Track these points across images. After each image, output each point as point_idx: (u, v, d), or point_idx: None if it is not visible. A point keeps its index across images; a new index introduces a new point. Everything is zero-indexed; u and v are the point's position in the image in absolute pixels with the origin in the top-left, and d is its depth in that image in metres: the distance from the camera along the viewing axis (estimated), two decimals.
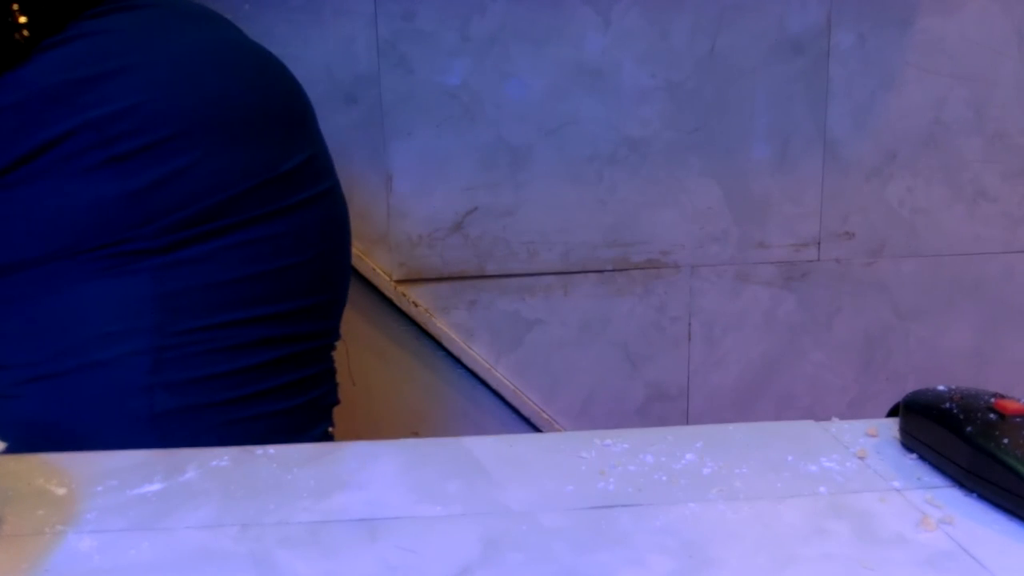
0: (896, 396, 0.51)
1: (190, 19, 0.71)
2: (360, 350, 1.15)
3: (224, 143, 0.66)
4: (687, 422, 1.23)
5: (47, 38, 0.61)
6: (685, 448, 0.48)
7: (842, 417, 0.52)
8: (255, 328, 0.68)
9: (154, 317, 0.64)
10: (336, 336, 0.78)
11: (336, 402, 0.78)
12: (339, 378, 0.80)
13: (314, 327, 0.73)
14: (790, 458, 0.47)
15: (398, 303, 1.13)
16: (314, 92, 1.10)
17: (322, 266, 0.73)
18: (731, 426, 0.51)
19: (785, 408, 1.24)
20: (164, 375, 0.64)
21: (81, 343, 0.63)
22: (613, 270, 1.17)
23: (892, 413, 0.51)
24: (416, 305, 1.14)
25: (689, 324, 1.20)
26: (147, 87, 0.63)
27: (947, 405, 0.45)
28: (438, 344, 1.16)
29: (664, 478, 0.45)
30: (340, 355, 0.82)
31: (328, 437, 0.75)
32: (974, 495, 0.43)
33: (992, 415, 0.43)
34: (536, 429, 1.18)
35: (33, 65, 0.61)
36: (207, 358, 0.66)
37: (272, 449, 0.48)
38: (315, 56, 1.07)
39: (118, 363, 0.64)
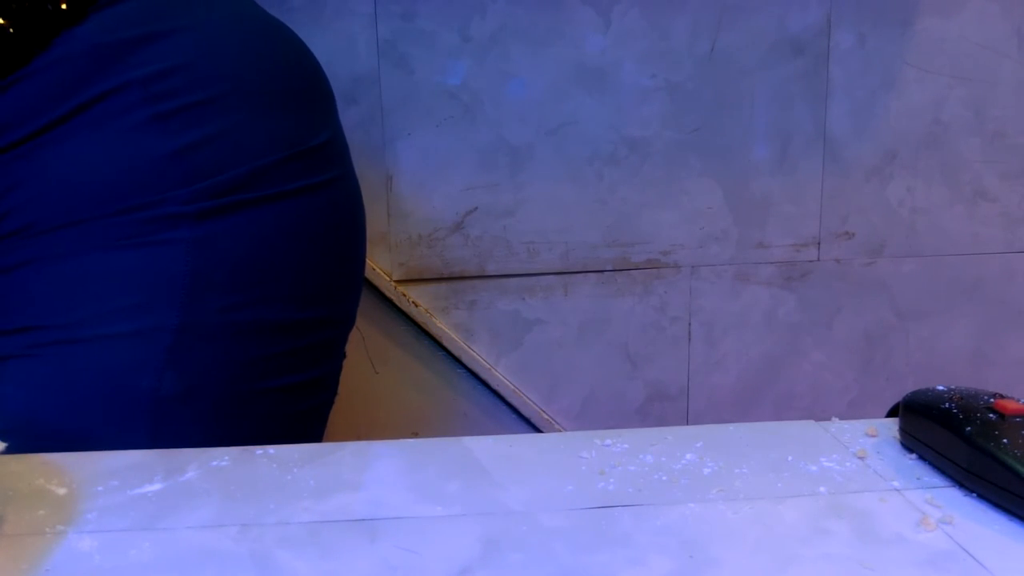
0: (896, 396, 0.51)
1: None
2: (360, 350, 1.15)
3: (261, 111, 0.66)
4: (687, 422, 1.23)
5: None
6: (685, 448, 0.48)
7: (842, 417, 0.52)
8: (278, 308, 0.66)
9: (184, 292, 0.63)
10: (351, 324, 0.78)
11: (328, 412, 0.77)
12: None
13: (333, 311, 0.73)
14: (790, 458, 0.47)
15: (398, 303, 1.13)
16: None
17: (342, 245, 0.73)
18: (731, 426, 0.51)
19: (785, 408, 1.24)
20: (180, 356, 0.63)
21: (105, 312, 0.62)
22: (613, 270, 1.17)
23: (892, 413, 0.51)
24: (416, 305, 1.14)
25: (689, 324, 1.20)
26: (193, 49, 0.64)
27: (947, 405, 0.45)
28: (438, 344, 1.16)
29: (664, 478, 0.45)
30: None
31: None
32: (974, 495, 0.43)
33: (992, 415, 0.43)
34: (536, 429, 1.18)
35: (89, 22, 0.61)
36: (227, 343, 0.64)
37: (272, 449, 0.48)
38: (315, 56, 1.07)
39: (136, 338, 0.62)
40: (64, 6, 0.60)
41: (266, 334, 0.66)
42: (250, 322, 0.65)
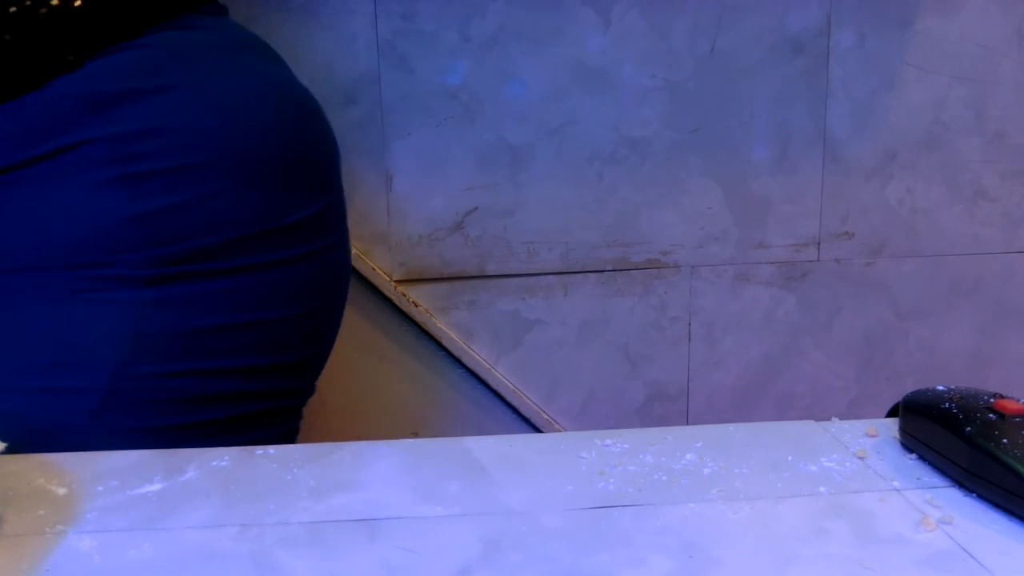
0: (896, 396, 0.51)
1: (244, 50, 0.68)
2: (360, 350, 1.15)
3: (245, 181, 0.63)
4: (687, 422, 1.23)
5: (109, 45, 0.60)
6: (685, 448, 0.48)
7: (842, 417, 0.52)
8: (222, 380, 0.64)
9: (119, 355, 0.60)
10: (310, 394, 0.75)
11: None
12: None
13: (286, 384, 0.70)
14: (790, 458, 0.47)
15: (398, 303, 1.13)
16: (314, 92, 1.10)
17: (311, 322, 0.70)
18: (731, 426, 0.51)
19: (785, 408, 1.24)
20: (107, 419, 0.60)
21: (34, 364, 0.60)
22: (613, 270, 1.17)
23: (892, 413, 0.51)
24: (416, 305, 1.14)
25: (689, 324, 1.20)
26: (180, 111, 0.61)
27: (947, 405, 0.45)
28: (438, 344, 1.16)
29: (664, 478, 0.45)
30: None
31: None
32: (974, 495, 0.43)
33: (992, 415, 0.43)
34: (536, 429, 1.18)
35: (83, 70, 0.59)
36: (158, 407, 0.62)
37: (272, 449, 0.48)
38: (315, 56, 1.07)
39: (64, 396, 0.60)
40: (71, 57, 0.58)
41: (208, 402, 0.64)
42: (189, 390, 0.63)
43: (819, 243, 1.19)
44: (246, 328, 0.64)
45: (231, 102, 0.64)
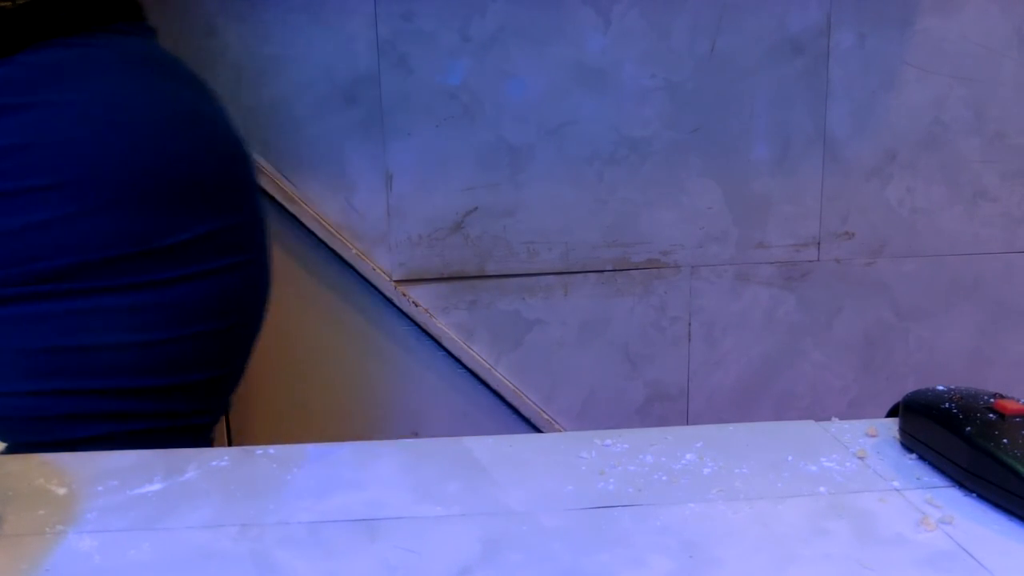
0: (896, 396, 0.51)
1: (135, 68, 0.65)
2: (360, 350, 1.15)
3: (108, 202, 0.61)
4: (687, 422, 1.23)
5: None
6: (685, 448, 0.48)
7: (842, 417, 0.52)
8: (94, 400, 0.62)
9: None
10: (221, 412, 0.72)
11: None
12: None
13: (182, 405, 0.67)
14: (790, 458, 0.47)
15: (398, 303, 1.13)
16: (314, 92, 1.11)
17: (209, 344, 0.67)
18: (731, 426, 0.51)
19: (785, 408, 1.24)
20: None
21: None
22: (613, 270, 1.17)
23: (892, 413, 0.51)
24: (416, 305, 1.14)
25: (689, 324, 1.20)
26: (36, 130, 0.59)
27: (947, 405, 0.45)
28: (438, 344, 1.16)
29: (664, 478, 0.45)
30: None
31: None
32: (974, 495, 0.43)
33: (992, 415, 0.43)
34: (536, 429, 1.18)
35: None
36: (22, 424, 0.61)
37: (272, 449, 0.48)
38: (315, 56, 1.07)
39: None
40: None
41: (80, 421, 0.62)
42: (56, 409, 0.61)
43: (819, 243, 1.19)
44: (120, 348, 0.63)
45: (93, 124, 0.61)
